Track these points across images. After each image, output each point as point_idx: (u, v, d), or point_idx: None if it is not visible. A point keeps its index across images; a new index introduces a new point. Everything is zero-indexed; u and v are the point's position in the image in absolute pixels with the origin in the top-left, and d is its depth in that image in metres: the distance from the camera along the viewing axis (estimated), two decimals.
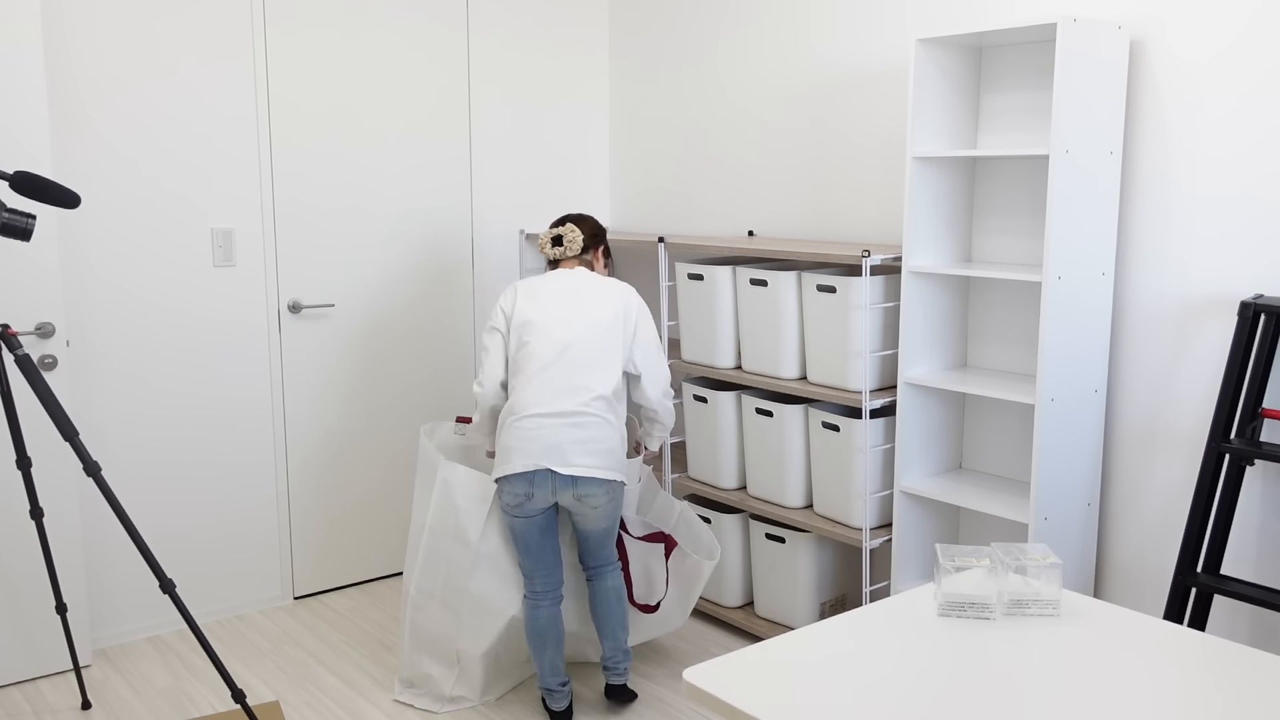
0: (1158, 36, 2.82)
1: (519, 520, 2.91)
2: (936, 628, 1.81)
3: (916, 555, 3.27)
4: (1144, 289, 2.91)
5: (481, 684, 3.15)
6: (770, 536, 3.55)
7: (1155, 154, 2.85)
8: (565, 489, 2.85)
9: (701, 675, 1.62)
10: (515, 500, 2.87)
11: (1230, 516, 2.67)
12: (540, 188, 4.43)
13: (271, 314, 3.81)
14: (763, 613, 3.63)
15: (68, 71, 3.34)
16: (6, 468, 3.23)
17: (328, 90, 3.85)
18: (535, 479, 2.84)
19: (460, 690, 3.15)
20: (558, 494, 2.86)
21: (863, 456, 3.23)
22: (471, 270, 4.28)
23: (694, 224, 4.23)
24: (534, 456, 2.82)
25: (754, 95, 3.92)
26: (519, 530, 2.93)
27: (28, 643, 3.31)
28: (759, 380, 3.47)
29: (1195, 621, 2.67)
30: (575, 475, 2.84)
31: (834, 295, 3.24)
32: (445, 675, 3.13)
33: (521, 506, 2.88)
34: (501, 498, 2.90)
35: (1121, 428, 2.99)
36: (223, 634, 3.70)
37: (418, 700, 3.17)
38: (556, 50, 4.40)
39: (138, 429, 3.58)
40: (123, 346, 3.53)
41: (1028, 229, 3.13)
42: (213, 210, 3.65)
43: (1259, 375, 2.61)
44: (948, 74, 3.10)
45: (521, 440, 2.84)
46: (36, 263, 3.22)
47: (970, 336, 3.32)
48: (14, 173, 2.49)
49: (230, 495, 3.79)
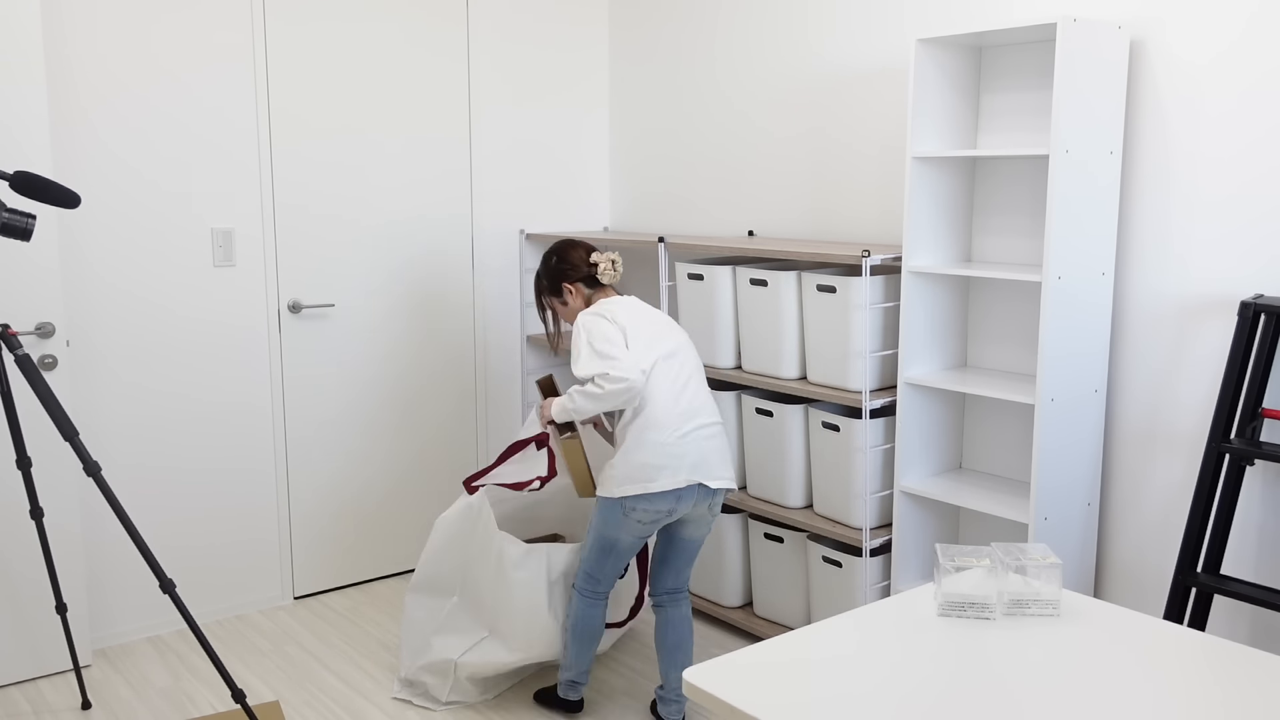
0: (1158, 36, 2.82)
1: (634, 538, 2.86)
2: (936, 628, 1.81)
3: (916, 555, 3.27)
4: (1144, 289, 2.91)
5: (477, 692, 3.19)
6: (769, 536, 3.55)
7: (1155, 154, 2.85)
8: (704, 501, 2.84)
9: (701, 675, 1.62)
10: (653, 517, 2.80)
11: (1230, 516, 2.67)
12: (541, 188, 4.43)
13: (271, 314, 3.81)
14: (762, 613, 3.63)
15: (67, 71, 3.34)
16: (6, 468, 3.23)
17: (328, 91, 3.85)
18: (683, 495, 2.79)
19: (456, 696, 3.17)
20: (696, 506, 2.83)
21: (863, 456, 3.23)
22: (471, 270, 4.28)
23: (694, 224, 4.23)
24: (684, 473, 2.77)
25: (754, 96, 3.92)
26: (626, 545, 2.88)
27: (28, 643, 3.31)
28: (759, 380, 3.47)
29: (1195, 621, 2.67)
30: (720, 488, 2.84)
31: (834, 295, 3.24)
32: (441, 685, 3.15)
33: (657, 522, 2.82)
34: (631, 513, 2.80)
35: (1121, 428, 2.99)
36: (223, 634, 3.70)
37: (416, 698, 3.19)
38: (556, 50, 4.40)
39: (138, 429, 3.58)
40: (123, 347, 3.53)
41: (1028, 229, 3.13)
42: (213, 210, 3.65)
43: (1259, 375, 2.61)
44: (948, 74, 3.10)
45: (668, 457, 2.76)
46: (36, 263, 3.22)
47: (970, 336, 3.32)
48: (14, 173, 2.49)
49: (230, 495, 3.79)
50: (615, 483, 2.78)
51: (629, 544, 2.88)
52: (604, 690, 3.27)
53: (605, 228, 4.65)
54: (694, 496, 2.81)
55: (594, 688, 3.29)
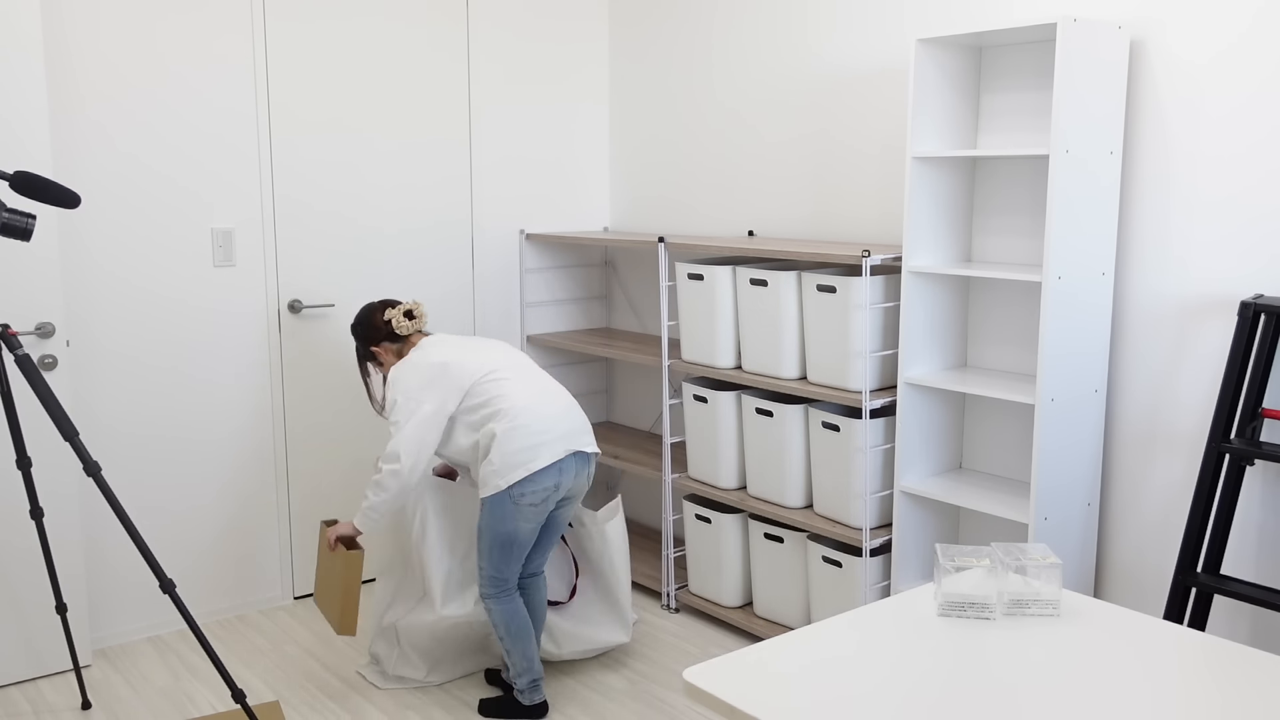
0: (1158, 36, 2.82)
1: (531, 525, 2.94)
2: (936, 628, 1.81)
3: (916, 555, 3.27)
4: (1144, 289, 2.91)
5: (425, 668, 3.27)
6: (769, 536, 3.55)
7: (1155, 154, 2.85)
8: (582, 470, 2.99)
9: (701, 675, 1.62)
10: (542, 496, 2.90)
11: (1230, 516, 2.67)
12: (541, 188, 4.43)
13: (271, 314, 3.81)
14: (762, 613, 3.63)
15: (68, 72, 3.34)
16: (6, 468, 3.23)
17: (328, 91, 3.85)
18: (564, 467, 2.93)
19: (402, 670, 3.27)
20: (577, 477, 2.97)
21: (863, 456, 3.23)
22: (471, 270, 4.28)
23: (694, 224, 4.23)
24: (560, 444, 2.92)
25: (754, 96, 3.92)
26: (525, 534, 2.95)
27: (28, 643, 3.31)
28: (759, 380, 3.47)
29: (1195, 621, 2.67)
30: (593, 452, 3.02)
31: (834, 295, 3.24)
32: (389, 654, 3.29)
33: (546, 502, 2.92)
34: (521, 499, 2.89)
35: (1121, 428, 2.99)
36: (223, 634, 3.70)
37: (369, 673, 3.33)
38: (556, 50, 4.40)
39: (138, 429, 3.58)
40: (123, 346, 3.53)
41: (1028, 229, 3.13)
42: (213, 210, 3.65)
43: (1259, 375, 2.61)
44: (948, 74, 3.10)
45: (541, 435, 2.90)
46: (36, 262, 3.22)
47: (970, 336, 3.32)
48: (14, 173, 2.49)
49: (230, 495, 3.79)
50: (498, 476, 2.89)
51: (527, 531, 2.95)
52: (606, 691, 3.27)
53: (605, 228, 4.65)
54: (574, 466, 2.96)
55: (592, 687, 3.29)
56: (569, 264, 4.54)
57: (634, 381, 4.57)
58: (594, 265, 4.62)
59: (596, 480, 4.72)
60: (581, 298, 4.59)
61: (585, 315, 4.61)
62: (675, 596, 3.89)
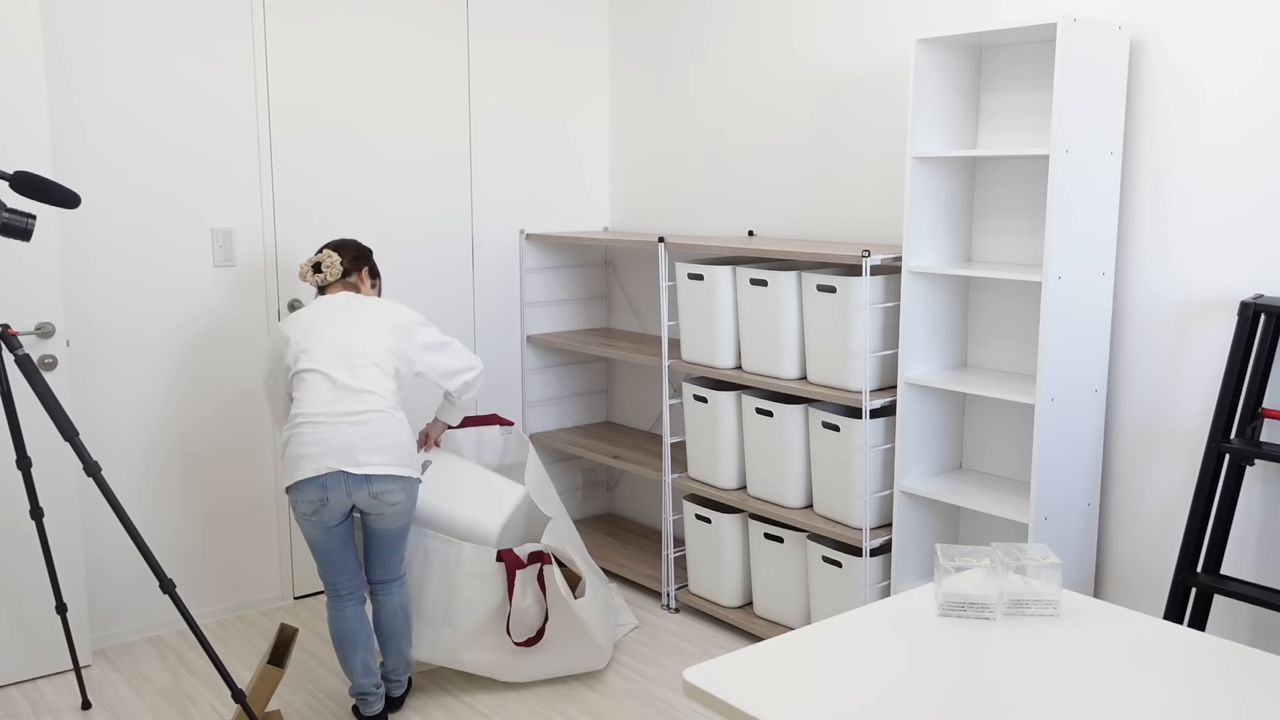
0: (1158, 36, 2.82)
1: (317, 531, 2.85)
2: (936, 628, 1.81)
3: (916, 555, 3.27)
4: (1144, 289, 2.91)
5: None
6: (769, 536, 3.55)
7: (1155, 154, 2.85)
8: (359, 489, 2.79)
9: (701, 675, 1.62)
10: (311, 508, 2.80)
11: (1230, 516, 2.67)
12: (541, 187, 4.43)
13: (271, 314, 3.81)
14: (762, 613, 3.63)
15: (68, 72, 3.34)
16: (6, 468, 3.23)
17: (328, 91, 3.85)
18: (327, 483, 2.77)
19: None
20: (353, 495, 2.80)
21: (863, 456, 3.23)
22: (471, 269, 4.28)
23: (694, 224, 4.23)
24: (327, 459, 2.76)
25: (754, 96, 3.92)
26: (319, 540, 2.87)
27: (28, 643, 3.31)
28: (759, 380, 3.47)
29: (1195, 621, 2.67)
30: (369, 474, 2.79)
31: (834, 295, 3.24)
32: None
33: (318, 514, 2.81)
34: (295, 506, 2.82)
35: (1121, 428, 2.99)
36: (223, 634, 3.70)
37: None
38: (556, 50, 4.40)
39: (137, 429, 3.58)
40: (123, 347, 3.53)
41: (1028, 229, 3.14)
42: (213, 210, 3.65)
43: (1259, 375, 2.61)
44: (948, 74, 3.10)
45: (312, 445, 2.78)
46: (36, 263, 3.22)
47: (970, 336, 3.32)
48: (14, 173, 2.49)
49: (230, 495, 3.79)
50: (282, 476, 2.84)
51: (316, 537, 2.86)
52: (606, 691, 3.28)
53: (605, 228, 4.65)
54: (342, 484, 2.77)
55: (592, 687, 3.29)
56: (569, 264, 4.54)
57: (634, 381, 4.57)
58: (594, 265, 4.62)
59: (597, 480, 4.72)
60: (581, 298, 4.60)
61: (585, 315, 4.62)
62: (675, 596, 3.89)
